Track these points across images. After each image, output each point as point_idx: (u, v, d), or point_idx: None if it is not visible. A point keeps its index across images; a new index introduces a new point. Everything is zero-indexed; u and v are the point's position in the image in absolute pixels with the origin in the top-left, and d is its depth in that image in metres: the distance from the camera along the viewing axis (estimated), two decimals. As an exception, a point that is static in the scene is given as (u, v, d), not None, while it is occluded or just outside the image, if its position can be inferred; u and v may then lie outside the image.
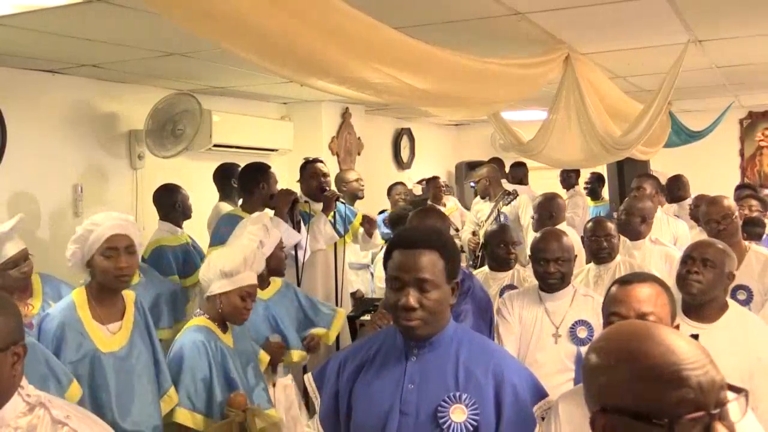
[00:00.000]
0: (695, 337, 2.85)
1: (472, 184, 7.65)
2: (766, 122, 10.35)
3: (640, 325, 1.36)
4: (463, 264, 5.47)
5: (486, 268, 4.97)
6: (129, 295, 3.36)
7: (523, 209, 6.64)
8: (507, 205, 6.70)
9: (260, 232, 3.96)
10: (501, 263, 4.81)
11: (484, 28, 4.33)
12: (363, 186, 6.50)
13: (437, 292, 2.19)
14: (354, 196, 6.40)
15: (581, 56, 5.08)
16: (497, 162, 8.15)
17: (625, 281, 2.35)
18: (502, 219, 6.57)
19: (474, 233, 6.74)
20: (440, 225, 3.82)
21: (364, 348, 2.41)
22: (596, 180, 9.23)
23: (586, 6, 3.97)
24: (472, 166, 10.27)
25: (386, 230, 6.35)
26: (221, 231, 4.61)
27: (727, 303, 3.26)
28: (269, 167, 5.24)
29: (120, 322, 3.24)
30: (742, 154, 10.49)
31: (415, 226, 3.66)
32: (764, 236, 5.50)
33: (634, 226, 5.13)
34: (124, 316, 3.26)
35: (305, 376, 2.54)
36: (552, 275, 3.74)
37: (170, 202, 5.23)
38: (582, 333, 3.62)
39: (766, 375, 2.97)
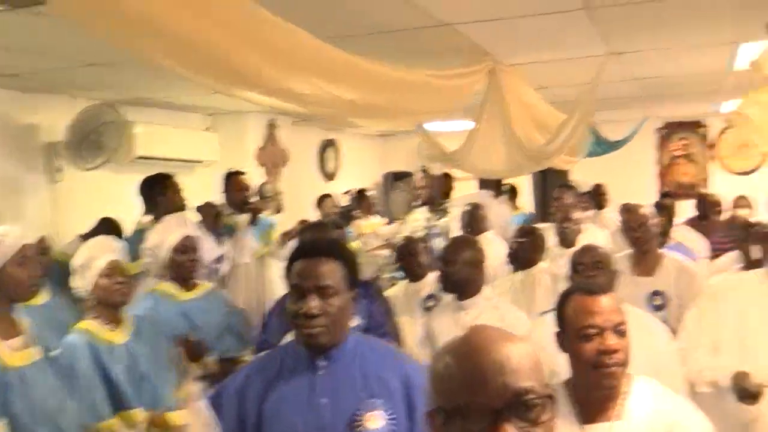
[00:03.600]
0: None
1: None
2: (681, 132, 10.70)
3: (487, 335, 1.37)
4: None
5: (406, 280, 5.01)
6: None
7: (454, 222, 6.72)
8: (442, 218, 6.79)
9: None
10: (413, 274, 4.86)
11: (411, 38, 4.36)
12: (283, 198, 6.51)
13: (339, 299, 2.18)
14: (277, 208, 6.38)
15: (506, 67, 5.16)
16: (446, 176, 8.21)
17: (591, 291, 2.32)
18: (436, 231, 6.67)
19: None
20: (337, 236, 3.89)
21: (266, 365, 2.35)
22: (510, 190, 9.33)
23: (510, 18, 4.04)
24: (399, 176, 10.32)
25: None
26: (133, 248, 4.50)
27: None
28: (170, 176, 5.10)
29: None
30: (658, 163, 10.82)
31: (314, 237, 3.69)
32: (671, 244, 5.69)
33: (570, 235, 5.27)
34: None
35: (200, 404, 2.43)
36: (454, 278, 3.79)
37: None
38: None
39: (666, 362, 3.07)
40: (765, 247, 3.55)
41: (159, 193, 4.91)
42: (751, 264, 4.31)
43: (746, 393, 3.02)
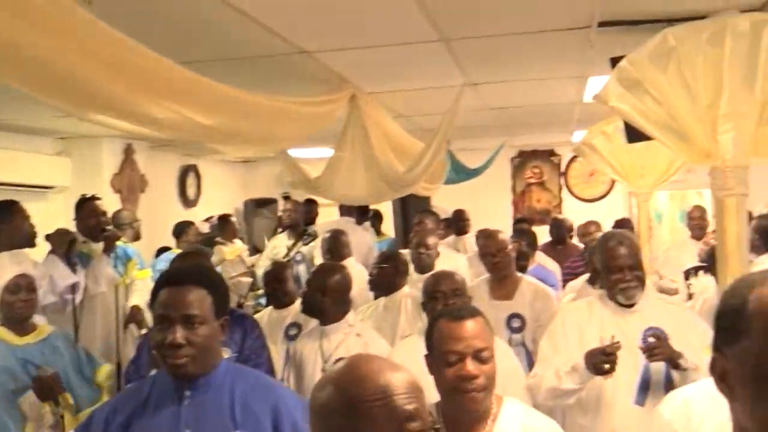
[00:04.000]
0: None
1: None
2: (534, 161, 11.13)
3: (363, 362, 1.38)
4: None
5: (270, 307, 4.94)
6: None
7: (318, 249, 6.71)
8: (306, 245, 6.76)
9: None
10: (279, 301, 4.81)
11: (271, 65, 4.34)
12: (140, 225, 6.33)
13: (206, 328, 2.14)
14: (134, 236, 6.20)
15: (366, 95, 5.21)
16: (312, 202, 8.17)
17: (456, 316, 2.34)
18: (299, 258, 6.63)
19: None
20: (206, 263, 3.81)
21: (133, 396, 2.28)
22: (374, 216, 9.41)
23: (369, 47, 4.09)
24: (261, 203, 10.22)
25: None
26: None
27: None
28: (16, 203, 4.82)
29: None
30: (513, 190, 11.20)
31: (181, 265, 3.61)
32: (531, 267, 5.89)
33: (426, 260, 5.35)
34: None
35: None
36: (318, 305, 3.82)
37: None
38: None
39: (511, 379, 3.16)
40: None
41: (2, 222, 4.65)
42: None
43: (600, 360, 3.09)
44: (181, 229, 7.50)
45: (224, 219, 7.98)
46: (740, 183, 3.39)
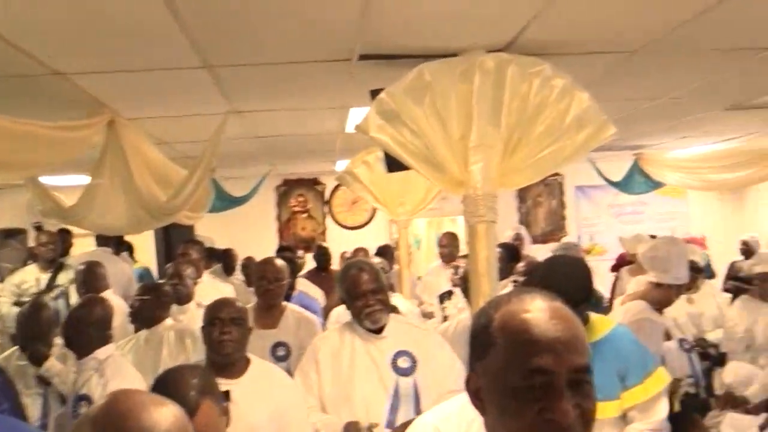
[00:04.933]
0: (227, 393, 2.96)
1: None
2: (298, 189, 11.25)
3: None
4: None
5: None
6: None
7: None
8: (55, 277, 6.37)
9: None
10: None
11: (21, 86, 4.06)
12: None
13: None
14: None
15: (126, 121, 5.01)
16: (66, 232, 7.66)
17: None
18: (58, 294, 6.25)
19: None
20: None
21: None
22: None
23: (129, 71, 3.95)
24: (9, 233, 9.51)
25: None
26: None
27: (248, 357, 3.42)
28: None
29: None
30: (278, 218, 11.24)
31: None
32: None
33: (183, 291, 5.25)
34: None
35: None
36: (78, 339, 3.70)
37: None
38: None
39: (294, 414, 3.20)
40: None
41: None
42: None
43: None
44: None
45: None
46: (489, 210, 3.61)
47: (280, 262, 4.80)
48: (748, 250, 8.52)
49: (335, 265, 8.26)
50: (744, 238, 8.79)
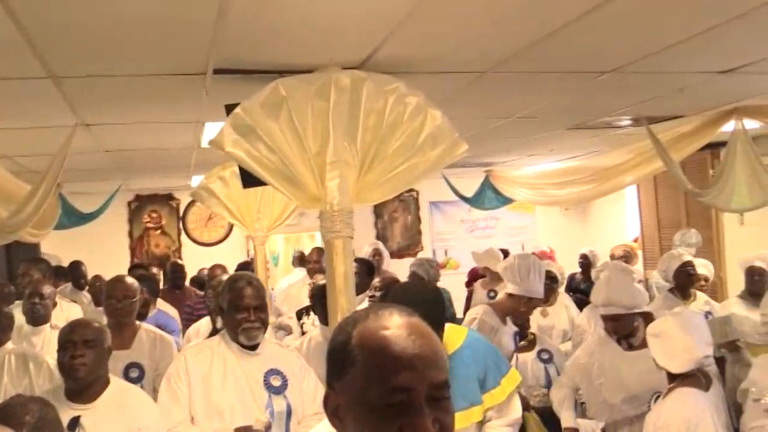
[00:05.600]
0: (77, 419, 2.85)
1: None
2: (151, 205, 10.94)
3: None
4: None
5: None
6: None
7: None
8: None
9: None
10: None
11: None
12: None
13: None
14: None
15: (-38, 133, 4.74)
16: None
17: None
18: None
19: None
20: None
21: None
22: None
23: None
24: None
25: None
26: None
27: (108, 378, 3.31)
28: None
29: None
30: (131, 235, 10.90)
31: None
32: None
33: (41, 311, 5.05)
34: None
35: None
36: None
37: None
38: None
39: None
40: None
41: None
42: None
43: None
44: None
45: None
46: (346, 226, 3.63)
47: (129, 279, 4.65)
48: (586, 263, 8.92)
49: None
50: (583, 251, 9.17)
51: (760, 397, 3.82)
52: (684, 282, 6.28)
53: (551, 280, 6.36)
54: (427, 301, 3.28)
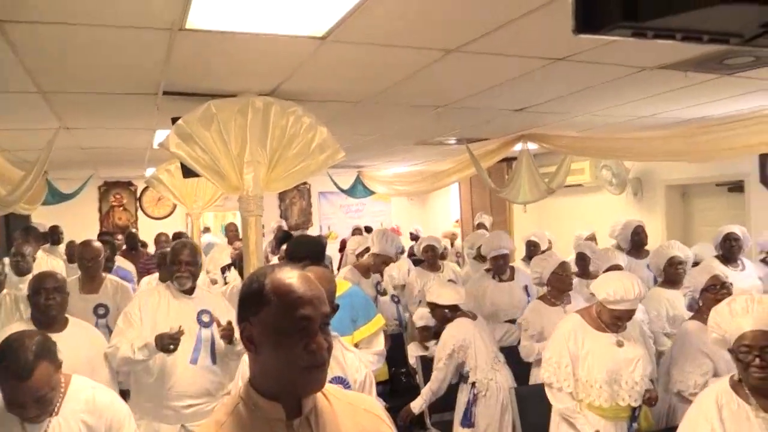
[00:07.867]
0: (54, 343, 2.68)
1: None
2: (116, 189, 10.48)
3: None
4: None
5: None
6: None
7: None
8: None
9: None
10: None
11: None
12: None
13: None
14: None
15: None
16: None
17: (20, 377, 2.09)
18: None
19: None
20: None
21: None
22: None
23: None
24: None
25: None
26: None
27: (67, 318, 3.17)
28: None
29: None
30: (100, 211, 10.40)
31: None
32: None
33: (24, 265, 4.75)
34: None
35: None
36: None
37: None
38: None
39: (102, 358, 3.10)
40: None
41: None
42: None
43: (168, 342, 3.02)
44: None
45: None
46: (258, 207, 3.61)
47: (96, 243, 4.43)
48: (414, 236, 9.25)
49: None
50: (411, 230, 9.68)
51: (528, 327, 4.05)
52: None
53: (435, 252, 5.79)
54: (310, 242, 3.41)
